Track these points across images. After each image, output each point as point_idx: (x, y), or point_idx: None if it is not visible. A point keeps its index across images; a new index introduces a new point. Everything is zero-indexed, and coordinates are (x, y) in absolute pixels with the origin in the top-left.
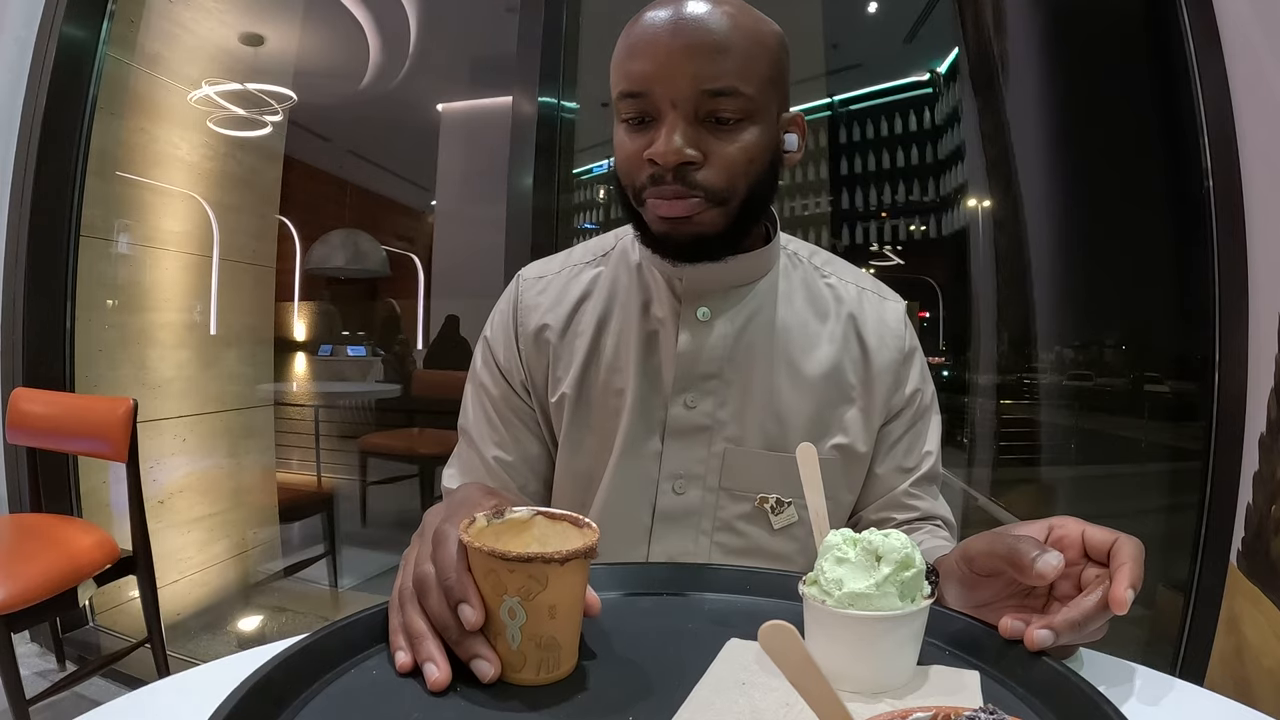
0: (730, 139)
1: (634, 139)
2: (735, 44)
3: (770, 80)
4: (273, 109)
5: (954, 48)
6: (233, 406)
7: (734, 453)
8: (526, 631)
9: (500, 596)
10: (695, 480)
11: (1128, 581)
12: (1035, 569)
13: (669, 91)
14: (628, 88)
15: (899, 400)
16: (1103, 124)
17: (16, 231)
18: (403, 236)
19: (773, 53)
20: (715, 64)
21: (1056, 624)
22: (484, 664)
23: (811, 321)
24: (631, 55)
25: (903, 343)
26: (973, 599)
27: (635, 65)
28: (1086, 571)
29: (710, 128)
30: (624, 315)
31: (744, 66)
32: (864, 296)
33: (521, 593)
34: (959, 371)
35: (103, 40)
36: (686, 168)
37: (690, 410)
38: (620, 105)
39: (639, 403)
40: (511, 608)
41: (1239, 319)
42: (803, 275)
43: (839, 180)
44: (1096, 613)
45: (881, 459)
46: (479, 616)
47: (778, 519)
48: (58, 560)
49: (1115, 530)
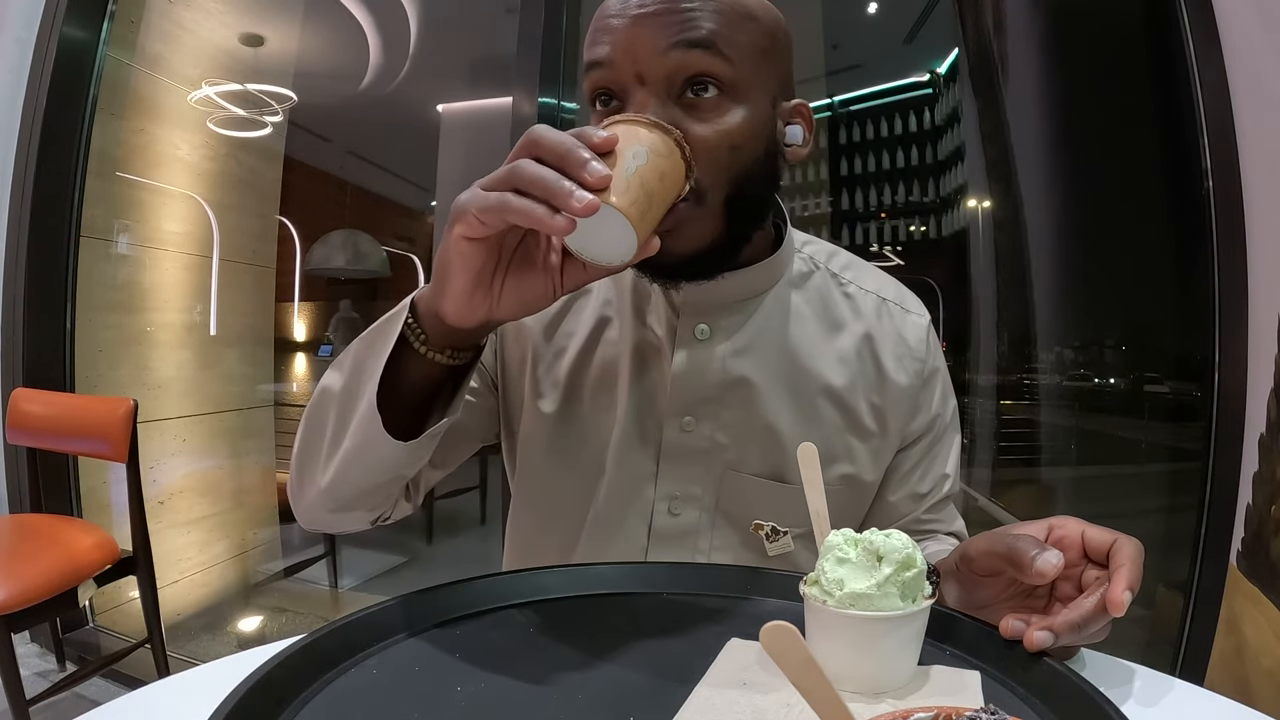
0: (708, 121)
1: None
2: (713, 5)
3: (760, 53)
4: (273, 109)
5: (954, 48)
6: (233, 407)
7: (732, 478)
8: (641, 172)
9: (630, 143)
10: (692, 502)
11: (1125, 583)
12: (1035, 567)
13: (634, 61)
14: (590, 57)
15: (917, 427)
16: (1102, 124)
17: (16, 232)
18: (403, 237)
19: (763, 26)
20: (687, 18)
21: (1056, 625)
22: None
23: (821, 341)
24: (597, 23)
25: (923, 365)
26: (973, 600)
27: (599, 33)
28: (1087, 573)
29: (687, 109)
30: (620, 325)
31: (725, 25)
32: (884, 310)
33: (651, 147)
34: (959, 372)
35: (103, 41)
36: None
37: (687, 434)
38: (586, 82)
39: (632, 422)
40: (636, 151)
41: (1239, 319)
42: (819, 284)
43: (839, 181)
44: (1096, 614)
45: (895, 486)
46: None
47: (772, 547)
48: (58, 560)
49: (1115, 531)
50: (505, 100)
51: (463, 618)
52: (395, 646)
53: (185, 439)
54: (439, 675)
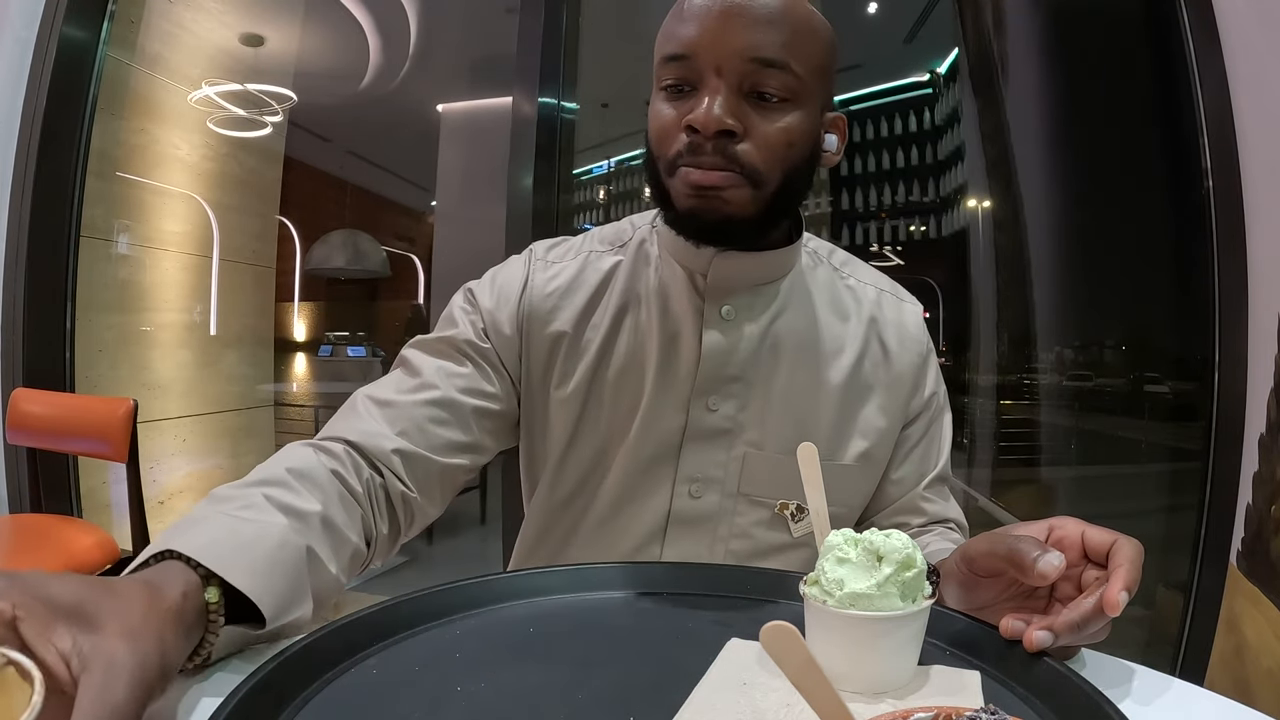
0: (773, 117)
1: (673, 106)
2: (789, 21)
3: (819, 69)
4: (273, 109)
5: (954, 48)
6: (233, 407)
7: (754, 457)
8: None
9: None
10: (713, 484)
11: (1122, 584)
12: (1036, 569)
13: (715, 57)
14: (672, 50)
15: (918, 404)
16: (1102, 124)
17: (16, 231)
18: (403, 237)
19: (824, 42)
20: (767, 34)
21: (1056, 625)
22: None
23: (834, 324)
24: (681, 18)
25: (922, 346)
26: (973, 600)
27: (683, 28)
28: (1087, 573)
29: (753, 103)
30: (642, 311)
31: (795, 44)
32: (882, 299)
33: None
34: (959, 371)
35: (103, 40)
36: (725, 139)
37: (712, 413)
38: (661, 71)
39: (656, 404)
40: None
41: (1239, 319)
42: (824, 276)
43: (839, 181)
44: (1095, 615)
45: (899, 464)
46: None
47: (797, 526)
48: (58, 561)
49: (1115, 531)
50: (505, 100)
51: (463, 618)
52: (395, 646)
53: (185, 439)
54: (439, 675)
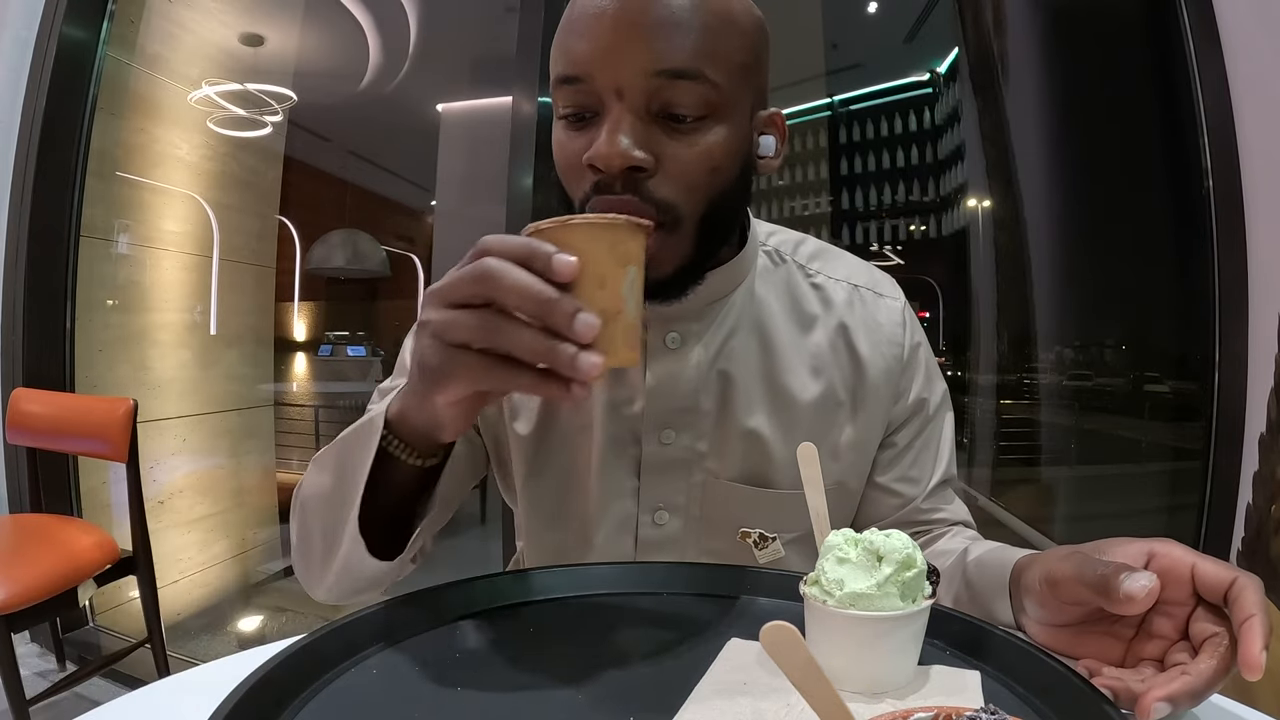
0: (690, 140)
1: (573, 139)
2: (699, 19)
3: (743, 69)
4: (273, 109)
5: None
6: (233, 407)
7: (714, 484)
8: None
9: (624, 268)
10: (677, 510)
11: (1261, 640)
12: (1123, 589)
13: (613, 76)
14: (563, 71)
15: (901, 411)
16: (1102, 124)
17: (16, 231)
18: (403, 236)
19: (747, 36)
20: (672, 39)
21: (1175, 693)
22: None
23: (795, 337)
24: (570, 30)
25: (900, 348)
26: (1051, 619)
27: (574, 43)
28: (1196, 624)
29: (665, 126)
30: None
31: (709, 45)
32: (855, 297)
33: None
34: (959, 371)
35: (103, 40)
36: (636, 175)
37: (666, 446)
38: (556, 96)
39: (609, 440)
40: (633, 279)
41: (1239, 319)
42: (785, 278)
43: (839, 180)
44: (1219, 678)
45: (883, 468)
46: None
47: (762, 555)
48: (58, 560)
49: (1233, 566)
50: (505, 100)
51: (463, 618)
52: (395, 646)
53: (185, 439)
54: (439, 675)
